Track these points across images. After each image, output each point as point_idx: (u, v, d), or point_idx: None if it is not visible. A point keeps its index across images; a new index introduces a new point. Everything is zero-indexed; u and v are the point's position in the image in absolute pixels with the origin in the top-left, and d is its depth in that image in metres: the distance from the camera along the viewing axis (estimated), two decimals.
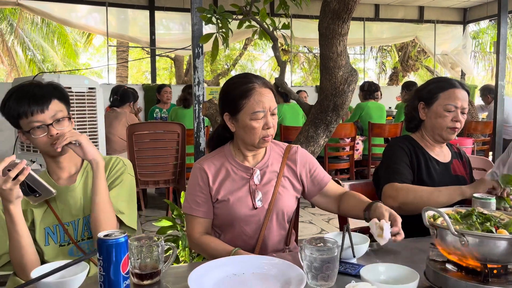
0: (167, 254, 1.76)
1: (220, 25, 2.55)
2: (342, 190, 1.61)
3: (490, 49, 12.68)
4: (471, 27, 10.38)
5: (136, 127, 3.70)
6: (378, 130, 5.02)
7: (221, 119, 1.56)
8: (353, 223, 1.82)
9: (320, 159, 4.79)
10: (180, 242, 2.32)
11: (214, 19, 2.52)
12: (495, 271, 0.99)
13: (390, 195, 1.61)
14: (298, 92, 6.75)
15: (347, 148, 4.89)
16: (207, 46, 2.79)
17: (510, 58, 12.73)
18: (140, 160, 3.66)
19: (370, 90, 5.45)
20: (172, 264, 1.23)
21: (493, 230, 0.99)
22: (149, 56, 8.57)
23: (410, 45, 12.80)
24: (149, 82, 8.44)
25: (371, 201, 1.40)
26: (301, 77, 18.13)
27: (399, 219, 1.23)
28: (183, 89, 4.95)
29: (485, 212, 1.09)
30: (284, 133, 4.76)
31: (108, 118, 4.28)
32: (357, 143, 4.97)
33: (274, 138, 1.57)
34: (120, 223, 1.46)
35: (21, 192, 1.25)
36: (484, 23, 11.53)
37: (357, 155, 5.05)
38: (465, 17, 9.32)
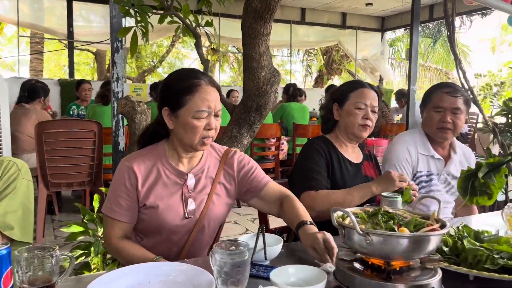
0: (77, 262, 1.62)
1: (139, 18, 2.43)
2: (282, 193, 1.50)
3: (405, 56, 13.63)
4: (388, 35, 11.08)
5: (47, 125, 3.42)
6: (302, 130, 5.15)
7: (159, 114, 1.43)
8: (278, 222, 1.82)
9: None
10: (92, 249, 2.16)
11: (132, 12, 2.40)
12: (397, 268, 1.02)
13: (308, 205, 1.60)
14: (230, 91, 6.72)
15: (273, 148, 4.95)
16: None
17: (421, 65, 13.80)
18: (52, 161, 3.39)
19: (294, 95, 5.58)
20: (76, 275, 1.13)
21: (396, 228, 1.02)
22: (67, 48, 8.02)
23: (334, 49, 13.36)
24: (67, 77, 7.91)
25: (302, 219, 1.33)
26: (230, 77, 18.14)
27: (335, 250, 1.14)
28: (101, 85, 4.69)
29: (390, 210, 1.12)
30: None
31: (16, 115, 3.92)
32: (282, 143, 5.06)
33: None
34: (11, 240, 1.30)
35: None
36: (399, 32, 12.36)
37: (282, 155, 5.14)
38: (383, 25, 9.93)
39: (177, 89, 1.36)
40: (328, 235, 1.18)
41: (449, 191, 2.10)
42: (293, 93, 5.56)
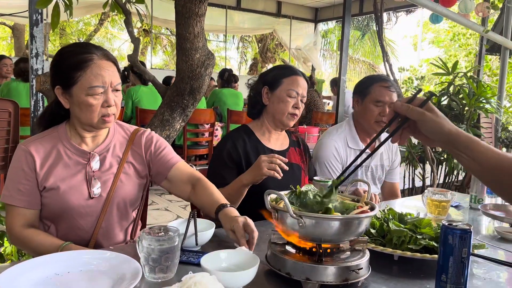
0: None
1: None
2: (193, 175, 1.43)
3: (336, 47, 14.11)
4: (321, 26, 11.37)
5: None
6: (236, 117, 5.12)
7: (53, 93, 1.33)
8: None
9: (179, 145, 4.70)
10: (5, 238, 1.98)
11: None
12: (328, 250, 1.03)
13: None
14: (170, 78, 6.36)
15: (206, 134, 4.88)
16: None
17: (350, 57, 14.38)
18: None
19: (229, 80, 5.54)
20: None
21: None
22: None
23: (269, 37, 13.47)
24: None
25: (221, 202, 1.29)
26: (163, 60, 17.59)
27: (256, 234, 1.13)
28: (16, 62, 4.32)
29: (315, 189, 1.13)
30: (140, 117, 4.52)
31: None
32: (216, 129, 5.01)
33: (130, 122, 1.41)
34: None
35: None
36: (331, 24, 12.75)
37: (216, 141, 5.08)
38: (316, 16, 10.16)
39: (67, 65, 1.27)
40: (249, 220, 1.16)
41: (375, 181, 2.19)
42: (228, 78, 5.51)
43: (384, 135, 1.01)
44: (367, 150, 2.07)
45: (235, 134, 1.79)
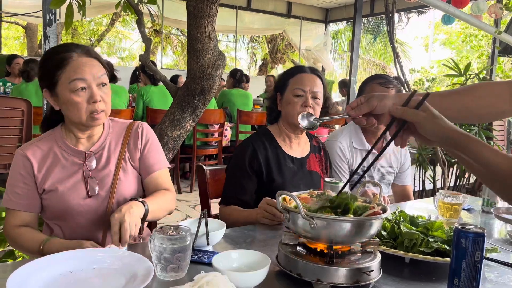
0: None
1: None
2: (159, 188, 1.43)
3: (347, 48, 14.06)
4: (332, 27, 11.33)
5: None
6: (246, 117, 5.13)
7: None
8: (216, 209, 1.79)
9: (189, 145, 4.72)
10: None
11: None
12: (339, 252, 1.03)
13: (220, 217, 1.59)
14: (177, 77, 6.42)
15: (216, 134, 4.90)
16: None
17: (361, 58, 14.31)
18: None
19: (240, 80, 5.56)
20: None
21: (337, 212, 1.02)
22: None
23: (279, 38, 13.46)
24: None
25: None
26: (173, 60, 17.67)
27: (127, 233, 1.14)
28: (24, 62, 4.38)
29: (333, 194, 1.13)
30: (151, 116, 4.55)
31: None
32: (226, 130, 5.02)
33: (141, 120, 1.42)
34: None
35: None
36: (342, 24, 12.71)
37: (225, 141, 5.09)
38: (326, 16, 10.14)
39: (50, 65, 1.29)
40: (128, 218, 1.16)
41: (383, 182, 2.18)
42: (240, 78, 5.53)
43: (389, 135, 1.00)
44: (374, 151, 2.08)
45: (256, 139, 1.73)
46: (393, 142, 0.97)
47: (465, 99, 1.10)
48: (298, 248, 1.08)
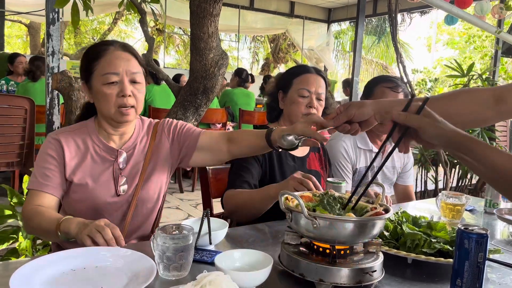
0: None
1: None
2: (223, 134, 1.40)
3: (349, 48, 14.05)
4: (334, 26, 11.32)
5: None
6: (248, 117, 5.13)
7: None
8: (218, 208, 1.78)
9: None
10: (20, 234, 2.01)
11: None
12: (342, 252, 1.03)
13: (224, 203, 1.57)
14: (179, 76, 6.44)
15: None
16: (69, 15, 2.46)
17: (363, 58, 14.29)
18: None
19: (245, 80, 5.57)
20: (2, 261, 1.02)
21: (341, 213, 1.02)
22: None
23: (282, 37, 13.45)
24: None
25: (266, 131, 1.28)
26: (176, 60, 17.67)
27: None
28: (29, 60, 4.38)
29: (336, 194, 1.13)
30: (153, 116, 4.56)
31: None
32: (228, 129, 5.03)
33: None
34: None
35: None
36: (344, 24, 12.68)
37: None
38: (329, 16, 10.13)
39: (88, 58, 1.32)
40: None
41: (386, 182, 2.18)
42: (246, 78, 5.55)
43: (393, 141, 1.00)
44: (380, 153, 2.06)
45: None
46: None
47: (448, 105, 1.10)
48: (300, 248, 1.08)
